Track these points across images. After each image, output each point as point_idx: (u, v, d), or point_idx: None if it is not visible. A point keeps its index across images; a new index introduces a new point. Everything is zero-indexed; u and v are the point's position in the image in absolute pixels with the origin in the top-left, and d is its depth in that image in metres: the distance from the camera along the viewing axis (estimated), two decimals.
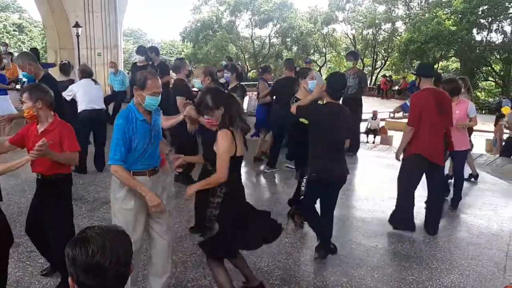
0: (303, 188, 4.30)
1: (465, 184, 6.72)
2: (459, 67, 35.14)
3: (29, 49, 11.36)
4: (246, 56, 42.34)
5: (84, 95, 6.49)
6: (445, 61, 37.77)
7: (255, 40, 42.69)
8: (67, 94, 6.38)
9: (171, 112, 4.80)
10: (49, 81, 5.08)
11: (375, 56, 39.91)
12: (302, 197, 4.37)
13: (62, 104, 5.33)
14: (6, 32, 43.93)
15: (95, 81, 6.76)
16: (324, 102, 4.15)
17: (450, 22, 31.02)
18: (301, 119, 4.21)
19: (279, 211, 5.18)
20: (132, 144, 2.96)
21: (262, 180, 6.92)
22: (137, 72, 5.53)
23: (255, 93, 9.71)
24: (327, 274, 3.95)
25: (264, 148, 7.51)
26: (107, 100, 9.71)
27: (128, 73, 11.53)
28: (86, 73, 6.73)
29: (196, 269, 3.93)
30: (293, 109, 4.25)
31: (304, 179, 4.26)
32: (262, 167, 7.36)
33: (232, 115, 3.07)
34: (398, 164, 4.98)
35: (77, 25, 17.67)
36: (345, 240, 4.67)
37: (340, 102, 4.20)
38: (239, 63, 9.34)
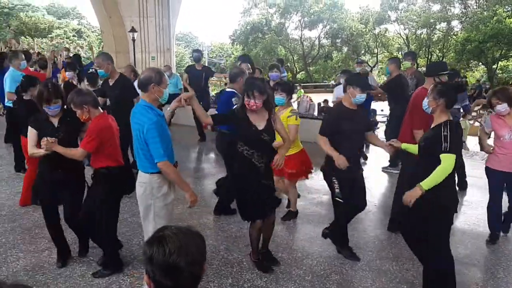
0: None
1: None
2: None
3: (72, 55, 11.61)
4: (295, 58, 42.22)
5: None
6: (505, 61, 35.97)
7: (304, 41, 42.47)
8: None
9: None
10: (124, 82, 5.71)
11: (429, 57, 38.64)
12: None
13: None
14: (66, 38, 46.05)
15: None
16: None
17: (511, 20, 29.55)
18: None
19: None
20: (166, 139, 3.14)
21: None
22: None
23: (307, 95, 9.68)
24: (386, 280, 3.84)
25: None
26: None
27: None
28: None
29: (252, 269, 3.93)
30: None
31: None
32: None
33: None
34: None
35: (133, 30, 18.26)
36: (405, 246, 4.53)
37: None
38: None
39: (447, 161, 3.17)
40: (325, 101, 13.66)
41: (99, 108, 3.62)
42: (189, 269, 1.45)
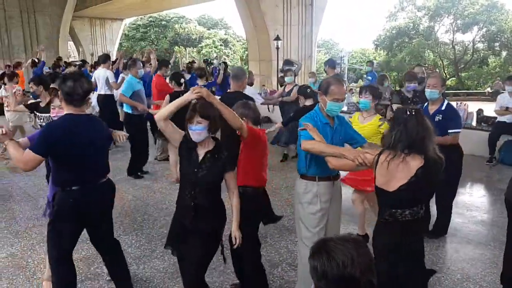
0: None
1: None
2: None
3: (219, 63, 11.97)
4: (445, 63, 39.30)
5: None
6: None
7: (456, 45, 39.26)
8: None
9: None
10: None
11: None
12: None
13: None
14: (214, 47, 49.56)
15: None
16: None
17: None
18: None
19: None
20: None
21: None
22: None
23: (465, 102, 8.91)
24: None
25: None
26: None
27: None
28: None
29: None
30: None
31: None
32: None
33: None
34: None
35: (277, 38, 18.79)
36: None
37: None
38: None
39: None
40: (480, 110, 12.18)
41: (258, 126, 3.34)
42: (365, 278, 1.44)
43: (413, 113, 2.50)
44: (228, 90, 4.94)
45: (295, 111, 5.89)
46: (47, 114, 4.46)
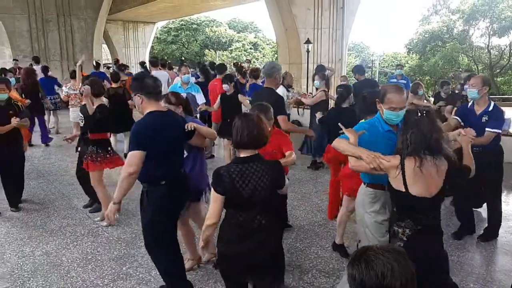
0: None
1: None
2: None
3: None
4: (479, 67, 38.22)
5: None
6: None
7: (492, 49, 38.14)
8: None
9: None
10: None
11: None
12: None
13: None
14: (244, 50, 49.74)
15: None
16: None
17: None
18: None
19: None
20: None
21: None
22: None
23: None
24: None
25: None
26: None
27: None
28: None
29: None
30: None
31: None
32: None
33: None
34: None
35: (308, 42, 18.70)
36: None
37: None
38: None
39: None
40: None
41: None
42: None
43: (424, 113, 2.50)
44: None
45: (330, 112, 5.81)
46: None
